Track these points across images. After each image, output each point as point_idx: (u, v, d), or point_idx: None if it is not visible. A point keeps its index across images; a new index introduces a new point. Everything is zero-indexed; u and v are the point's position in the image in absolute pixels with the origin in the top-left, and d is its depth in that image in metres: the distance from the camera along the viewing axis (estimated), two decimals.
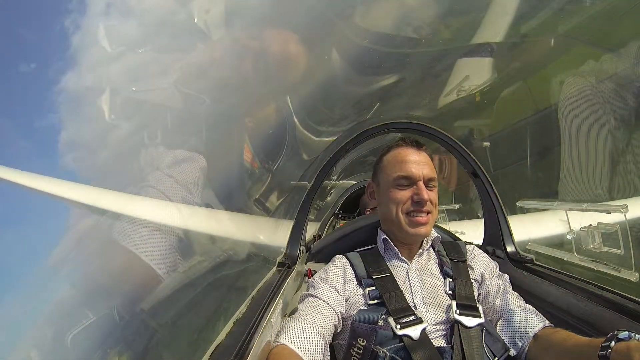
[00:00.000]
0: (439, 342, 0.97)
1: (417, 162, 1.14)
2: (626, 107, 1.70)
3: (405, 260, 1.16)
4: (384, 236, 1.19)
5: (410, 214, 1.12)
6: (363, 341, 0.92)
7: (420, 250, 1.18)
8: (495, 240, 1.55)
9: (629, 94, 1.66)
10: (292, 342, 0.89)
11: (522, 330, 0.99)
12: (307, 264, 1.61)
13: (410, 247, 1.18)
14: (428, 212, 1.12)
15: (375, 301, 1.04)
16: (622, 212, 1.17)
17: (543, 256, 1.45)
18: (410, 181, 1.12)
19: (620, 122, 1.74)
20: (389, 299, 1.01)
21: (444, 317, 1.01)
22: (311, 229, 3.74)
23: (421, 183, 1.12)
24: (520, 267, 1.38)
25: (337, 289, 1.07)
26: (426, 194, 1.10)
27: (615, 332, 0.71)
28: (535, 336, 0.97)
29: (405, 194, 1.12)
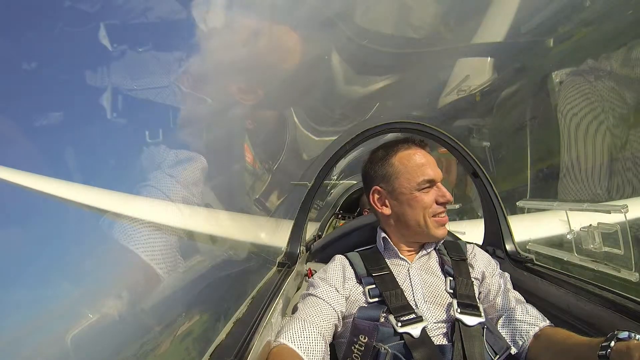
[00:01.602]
0: (439, 340, 0.97)
1: (432, 163, 1.15)
2: None
3: (406, 259, 1.16)
4: (383, 235, 1.19)
5: (435, 216, 1.12)
6: (364, 338, 0.92)
7: (424, 251, 1.18)
8: (495, 240, 1.55)
9: None
10: (293, 341, 0.90)
11: (523, 329, 0.99)
12: (307, 263, 1.61)
13: (412, 247, 1.18)
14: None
15: (376, 299, 1.04)
16: (622, 212, 1.17)
17: (543, 256, 1.46)
18: (432, 183, 1.12)
19: None
20: (389, 297, 1.01)
21: (445, 316, 1.01)
22: (311, 229, 3.74)
23: (440, 184, 1.13)
24: (520, 267, 1.38)
25: (337, 288, 1.07)
26: (449, 193, 1.11)
27: (615, 332, 0.71)
28: (536, 335, 0.97)
29: (430, 197, 1.11)
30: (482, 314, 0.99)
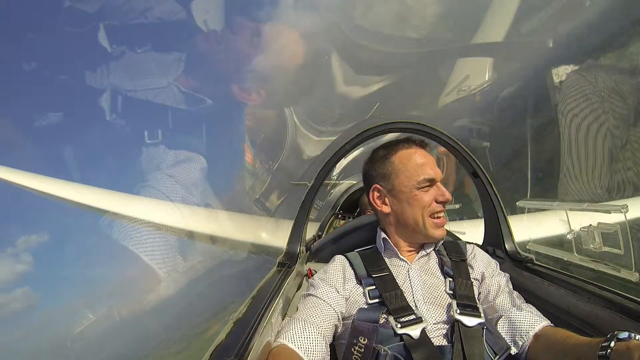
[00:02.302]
0: (439, 341, 0.97)
1: (431, 162, 1.15)
2: None
3: (405, 259, 1.16)
4: (383, 236, 1.19)
5: (433, 216, 1.12)
6: (364, 340, 0.92)
7: (423, 252, 1.17)
8: (495, 240, 1.55)
9: None
10: (293, 341, 0.90)
11: (523, 329, 0.99)
12: (307, 264, 1.61)
13: (411, 248, 1.18)
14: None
15: (376, 300, 1.04)
16: (622, 212, 1.17)
17: (543, 256, 1.45)
18: (432, 182, 1.13)
19: None
20: (388, 298, 1.01)
21: (445, 317, 1.01)
22: (311, 229, 3.74)
23: (440, 183, 1.13)
24: (520, 267, 1.38)
25: (337, 288, 1.07)
26: (448, 193, 1.12)
27: (615, 332, 0.70)
28: (536, 335, 0.97)
29: (430, 196, 1.12)
30: (482, 315, 0.99)
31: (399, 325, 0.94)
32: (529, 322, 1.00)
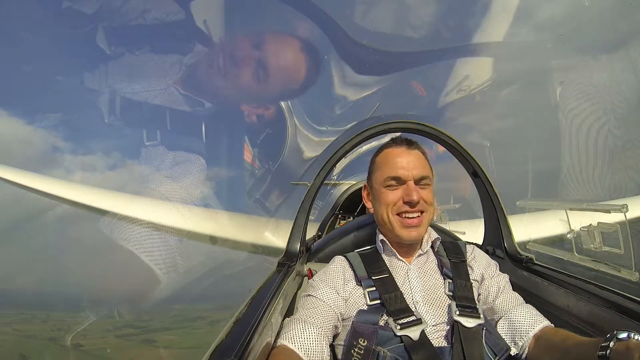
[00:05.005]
0: (439, 342, 0.97)
1: (408, 161, 1.12)
2: None
3: (404, 260, 1.16)
4: (381, 237, 1.19)
5: (401, 215, 1.11)
6: (364, 341, 0.92)
7: (420, 251, 1.17)
8: (495, 240, 1.55)
9: None
10: (293, 342, 0.90)
11: (523, 330, 0.99)
12: (307, 264, 1.61)
13: (408, 248, 1.18)
14: (422, 212, 1.11)
15: (375, 302, 1.04)
16: (622, 212, 1.17)
17: (543, 256, 1.45)
18: (400, 181, 1.11)
19: None
20: (388, 300, 1.02)
21: (444, 318, 1.01)
22: (311, 229, 3.74)
23: (411, 183, 1.10)
24: (520, 267, 1.38)
25: (336, 290, 1.07)
26: (416, 194, 1.08)
27: (615, 332, 0.70)
28: (536, 336, 0.97)
29: (395, 195, 1.11)
30: (481, 316, 0.99)
31: (398, 327, 0.94)
32: (529, 322, 1.00)
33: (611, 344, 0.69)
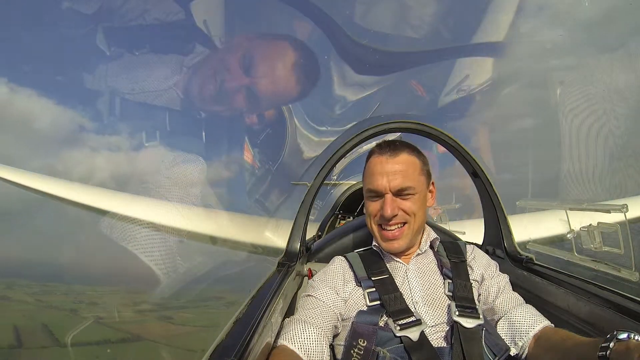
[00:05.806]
0: (439, 343, 0.97)
1: (388, 172, 1.07)
2: None
3: (401, 261, 1.16)
4: (374, 242, 1.19)
5: (381, 227, 1.12)
6: (364, 342, 0.92)
7: (418, 251, 1.17)
8: (495, 240, 1.55)
9: None
10: (293, 342, 0.90)
11: (522, 330, 0.99)
12: (307, 264, 1.61)
13: (403, 249, 1.18)
14: (404, 223, 1.09)
15: (375, 303, 1.04)
16: (622, 212, 1.17)
17: (543, 256, 1.45)
18: (378, 194, 1.09)
19: None
20: (388, 301, 1.02)
21: (444, 319, 1.01)
22: (311, 229, 3.74)
23: (388, 196, 1.06)
24: (520, 267, 1.38)
25: (336, 290, 1.08)
26: (390, 209, 1.05)
27: (615, 333, 0.70)
28: (536, 336, 0.97)
29: (375, 207, 1.11)
30: (481, 316, 0.99)
31: (398, 328, 0.94)
32: (529, 323, 1.00)
33: (611, 344, 0.69)
